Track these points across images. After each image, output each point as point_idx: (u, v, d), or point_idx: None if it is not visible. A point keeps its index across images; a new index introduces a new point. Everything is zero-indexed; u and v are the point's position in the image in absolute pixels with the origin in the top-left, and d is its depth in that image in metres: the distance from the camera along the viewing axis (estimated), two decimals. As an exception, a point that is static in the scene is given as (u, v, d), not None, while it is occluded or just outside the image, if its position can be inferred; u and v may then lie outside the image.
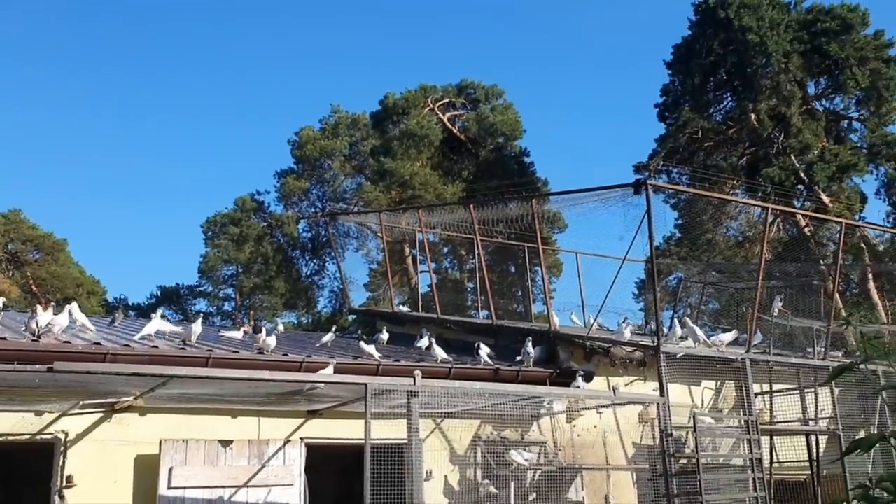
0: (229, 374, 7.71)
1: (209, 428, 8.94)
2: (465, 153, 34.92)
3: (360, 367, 9.87)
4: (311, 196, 36.64)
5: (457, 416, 10.09)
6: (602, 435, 11.02)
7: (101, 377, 7.29)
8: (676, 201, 25.59)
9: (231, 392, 8.39)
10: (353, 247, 32.24)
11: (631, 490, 11.25)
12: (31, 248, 34.16)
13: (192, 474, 8.42)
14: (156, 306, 36.71)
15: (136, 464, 8.55)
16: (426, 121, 33.37)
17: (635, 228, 10.54)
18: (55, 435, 8.36)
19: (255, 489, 8.72)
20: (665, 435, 9.87)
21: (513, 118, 34.25)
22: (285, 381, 8.13)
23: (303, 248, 36.92)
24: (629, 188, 10.32)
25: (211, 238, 36.67)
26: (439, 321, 14.68)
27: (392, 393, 8.36)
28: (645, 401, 10.57)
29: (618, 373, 11.46)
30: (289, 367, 9.31)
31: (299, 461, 9.11)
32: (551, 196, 13.33)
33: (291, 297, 36.53)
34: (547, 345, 11.61)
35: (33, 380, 7.14)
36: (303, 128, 35.95)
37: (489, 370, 10.67)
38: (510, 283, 31.81)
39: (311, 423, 9.68)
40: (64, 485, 8.21)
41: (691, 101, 28.83)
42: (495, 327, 13.55)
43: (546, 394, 9.68)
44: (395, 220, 18.81)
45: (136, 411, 8.67)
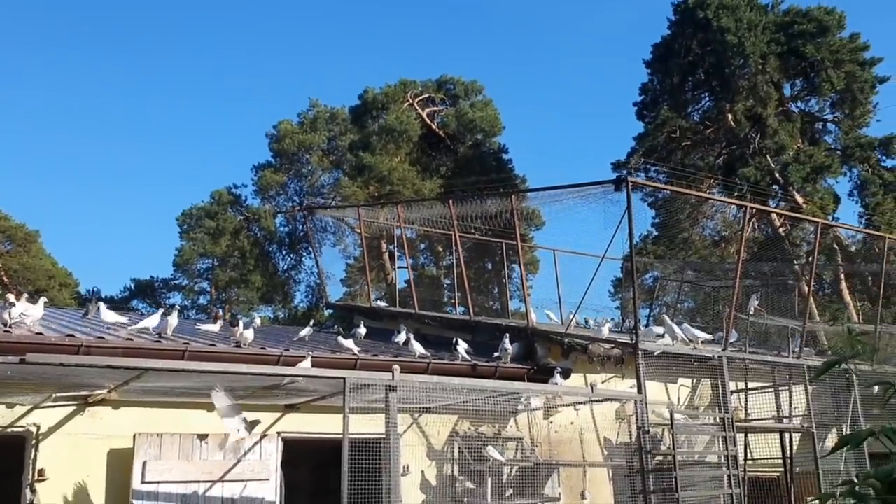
0: (206, 368, 7.62)
1: (184, 422, 8.83)
2: (443, 149, 34.92)
3: (338, 362, 9.81)
4: (288, 190, 36.49)
5: (434, 412, 10.07)
6: (579, 431, 11.04)
7: (74, 369, 7.17)
8: (654, 200, 25.76)
9: (207, 386, 8.28)
10: (330, 242, 32.04)
11: (607, 486, 11.29)
12: (3, 239, 33.65)
13: (166, 468, 8.31)
14: (129, 299, 36.39)
15: (110, 458, 8.42)
16: (405, 116, 33.32)
17: (615, 225, 10.58)
18: (27, 428, 8.20)
19: (230, 484, 8.63)
20: (642, 432, 9.92)
21: (492, 114, 34.29)
22: (263, 374, 8.04)
23: (280, 242, 36.76)
24: (610, 185, 10.35)
25: (186, 231, 36.38)
26: (417, 317, 14.65)
27: (370, 387, 8.31)
28: (622, 398, 10.61)
29: (595, 370, 11.48)
30: (266, 360, 9.22)
31: (276, 456, 9.03)
32: (531, 192, 13.32)
33: (268, 291, 36.35)
34: (524, 341, 11.62)
35: (5, 371, 7.01)
36: (281, 121, 35.79)
37: (467, 366, 10.66)
38: (487, 279, 31.89)
39: (288, 417, 9.61)
40: (35, 478, 8.07)
41: (670, 100, 29.05)
42: (472, 323, 13.55)
43: (524, 390, 9.68)
44: (374, 215, 18.75)
45: (110, 404, 8.54)
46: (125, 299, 36.26)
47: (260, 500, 8.75)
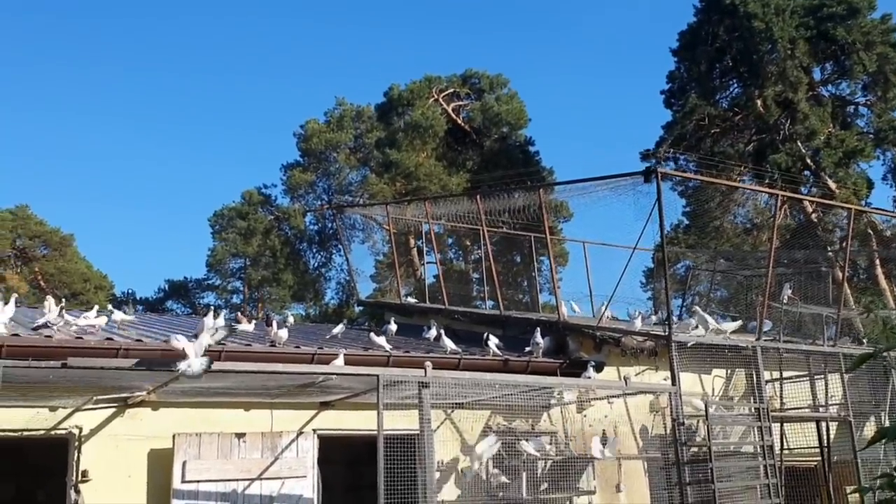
0: (243, 368, 7.74)
1: (222, 421, 8.97)
2: (469, 143, 34.92)
3: (370, 359, 9.88)
4: (316, 189, 36.75)
5: (467, 407, 10.10)
6: (613, 425, 11.03)
7: (114, 372, 7.32)
8: (684, 189, 25.57)
9: (244, 385, 8.42)
10: (358, 239, 32.34)
11: (642, 478, 11.27)
12: (39, 243, 34.29)
13: (205, 468, 8.45)
14: (164, 300, 36.90)
15: (150, 458, 8.58)
16: (431, 112, 33.37)
17: (645, 216, 10.52)
18: (69, 430, 8.39)
19: (268, 482, 8.74)
20: (677, 424, 9.88)
21: (517, 107, 34.22)
22: (299, 373, 8.16)
23: (310, 240, 37.04)
24: (639, 176, 10.28)
25: (218, 232, 36.83)
26: (447, 312, 14.68)
27: (403, 384, 8.38)
28: (657, 390, 10.58)
29: (629, 362, 11.45)
30: (301, 359, 9.31)
31: (312, 453, 9.13)
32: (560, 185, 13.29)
33: (299, 289, 36.66)
34: (556, 335, 11.59)
35: (47, 376, 7.17)
36: (308, 121, 36.06)
37: (498, 361, 10.67)
38: (516, 273, 31.86)
39: (323, 414, 9.71)
40: (79, 479, 8.26)
41: (697, 87, 28.75)
42: (503, 318, 13.54)
43: (557, 384, 9.67)
44: (401, 211, 18.81)
45: (149, 406, 8.70)
46: (160, 300, 36.79)
47: (298, 497, 8.86)
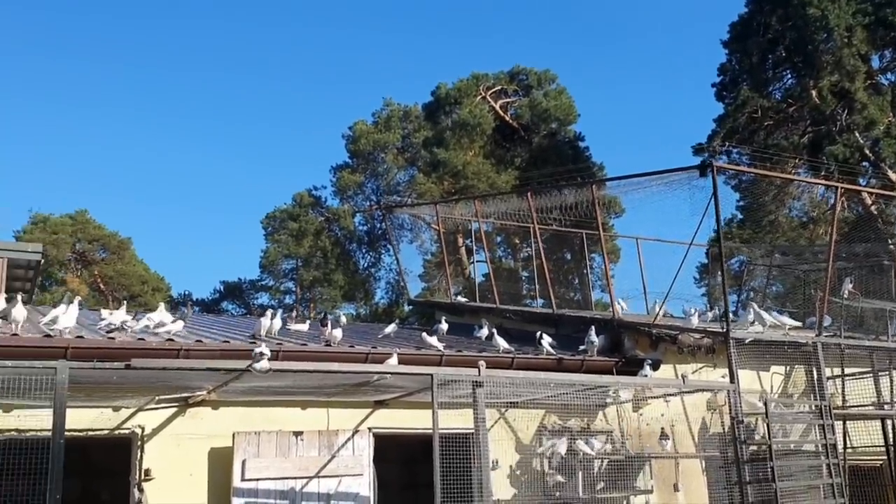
0: (300, 367, 7.85)
1: (280, 420, 9.10)
2: (517, 140, 34.78)
3: (423, 358, 9.92)
4: (365, 189, 37.01)
5: (521, 406, 10.07)
6: (670, 423, 10.89)
7: (175, 372, 7.48)
8: (737, 182, 25.09)
9: (300, 384, 8.52)
10: (407, 238, 32.49)
11: (700, 478, 11.11)
12: (98, 247, 35.21)
13: (264, 466, 8.58)
14: (219, 301, 37.57)
15: (211, 456, 8.75)
16: (478, 109, 33.32)
17: (699, 211, 10.37)
18: (132, 430, 8.59)
19: (326, 479, 8.84)
20: (736, 421, 9.71)
21: (566, 103, 33.97)
22: (354, 372, 8.24)
23: (359, 240, 37.33)
24: (694, 170, 10.14)
25: (271, 233, 37.40)
26: (498, 311, 14.64)
27: (457, 383, 8.39)
28: (714, 388, 10.41)
29: (685, 360, 11.29)
30: (356, 358, 9.40)
31: (368, 451, 9.20)
32: (612, 181, 13.14)
33: (350, 289, 36.98)
34: (610, 333, 11.49)
35: (111, 377, 7.35)
36: (356, 122, 36.32)
37: (552, 360, 10.62)
38: (566, 271, 31.62)
39: (377, 413, 9.79)
40: (142, 478, 8.45)
41: (750, 79, 28.16)
42: (555, 316, 13.45)
43: (613, 383, 9.58)
44: (449, 210, 18.82)
45: (210, 405, 8.87)
46: (215, 301, 37.47)
47: (355, 495, 8.94)
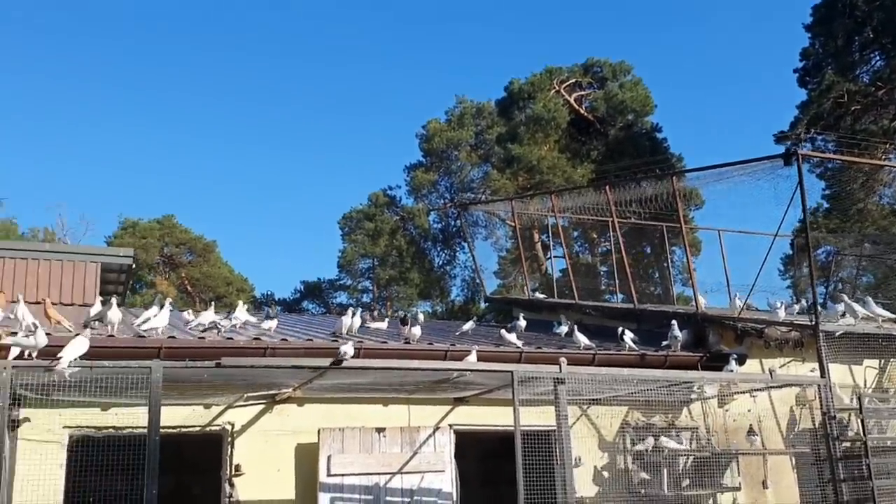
0: (381, 364, 7.96)
1: (362, 416, 9.25)
2: (593, 134, 34.34)
3: (502, 355, 9.92)
4: (439, 188, 37.16)
5: (604, 403, 9.98)
6: (757, 419, 10.60)
7: (262, 370, 7.69)
8: (823, 170, 24.18)
9: (382, 381, 8.64)
10: (482, 235, 32.48)
11: (790, 474, 10.79)
12: (185, 250, 36.40)
13: (348, 461, 8.72)
14: (300, 300, 38.35)
15: (297, 452, 8.95)
16: (552, 103, 33.03)
17: (784, 201, 10.06)
18: (223, 426, 8.86)
19: (408, 475, 8.93)
20: (828, 417, 9.39)
21: (642, 94, 33.39)
22: (435, 369, 8.31)
23: (434, 239, 37.50)
24: (778, 159, 9.84)
25: (347, 234, 37.95)
26: (577, 307, 14.50)
27: (537, 380, 8.36)
28: (804, 382, 10.09)
29: (772, 354, 10.98)
30: (435, 355, 9.48)
31: (449, 447, 9.26)
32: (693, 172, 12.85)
33: (425, 287, 37.20)
34: (694, 328, 11.25)
35: (202, 375, 7.60)
36: (429, 121, 36.47)
37: (635, 356, 10.47)
38: (646, 265, 31.06)
39: (458, 410, 9.84)
40: (233, 473, 8.71)
41: (835, 63, 27.13)
42: (637, 311, 13.24)
43: (698, 378, 9.40)
44: (525, 206, 18.72)
45: (295, 402, 9.08)
46: (296, 301, 38.26)
47: (437, 491, 9.01)
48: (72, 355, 6.90)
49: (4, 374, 6.66)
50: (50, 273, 12.52)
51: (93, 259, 12.95)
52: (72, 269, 12.60)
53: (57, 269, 12.58)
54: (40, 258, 12.62)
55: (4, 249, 13.04)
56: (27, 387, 6.98)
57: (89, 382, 7.16)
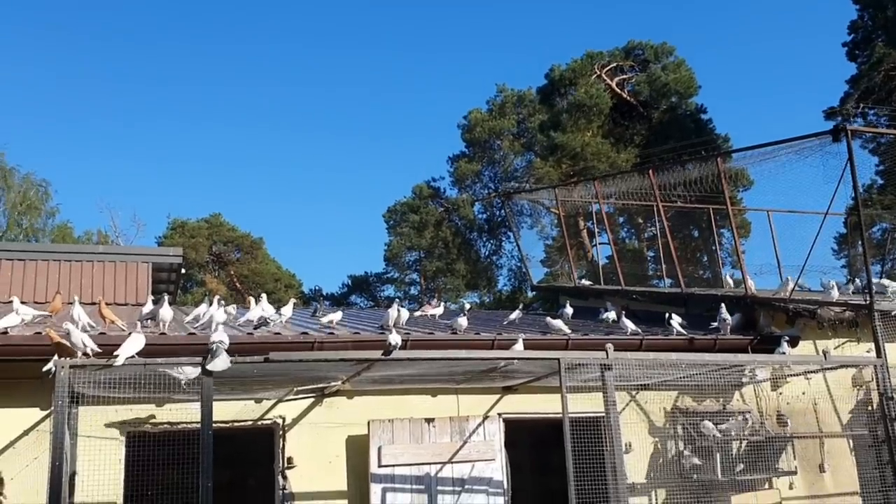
0: (428, 355, 8.00)
1: (412, 407, 9.30)
2: (636, 117, 33.94)
3: (549, 343, 9.89)
4: (483, 178, 37.13)
5: (652, 388, 9.89)
6: (812, 401, 10.40)
7: (311, 364, 7.79)
8: (876, 146, 23.53)
9: (430, 371, 8.68)
10: (527, 224, 32.33)
11: (848, 457, 10.57)
12: (233, 248, 36.98)
13: (399, 452, 8.79)
14: (348, 295, 38.69)
15: (348, 444, 9.05)
16: (594, 89, 32.73)
17: (835, 179, 9.82)
18: (274, 420, 9.00)
19: (459, 465, 8.96)
20: (885, 398, 9.17)
21: (686, 75, 32.86)
22: (481, 358, 8.31)
23: (479, 229, 37.50)
24: (827, 136, 9.60)
25: (393, 227, 38.15)
26: (623, 293, 14.37)
27: (585, 366, 8.32)
28: (860, 363, 9.86)
29: (826, 335, 10.75)
30: (481, 345, 9.49)
31: (499, 436, 9.27)
32: (739, 152, 12.60)
33: (472, 277, 37.23)
34: (743, 310, 11.07)
35: (252, 370, 7.72)
36: (471, 111, 36.44)
37: (683, 340, 10.33)
38: (694, 248, 30.63)
39: (506, 398, 9.85)
40: (286, 466, 8.85)
41: (885, 35, 26.38)
42: (684, 295, 13.07)
43: (749, 361, 9.24)
44: (569, 193, 18.59)
45: (344, 395, 9.18)
46: (344, 295, 38.63)
47: (488, 480, 9.03)
48: (128, 353, 7.08)
49: (63, 373, 6.86)
50: (104, 274, 12.86)
51: (144, 259, 13.26)
52: (124, 270, 12.92)
53: (110, 270, 12.91)
54: (94, 260, 12.98)
55: (60, 252, 13.44)
56: (84, 384, 7.17)
57: (144, 379, 7.34)
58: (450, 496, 8.88)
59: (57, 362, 6.93)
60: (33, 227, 33.65)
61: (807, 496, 10.40)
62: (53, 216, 34.79)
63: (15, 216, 33.09)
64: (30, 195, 33.30)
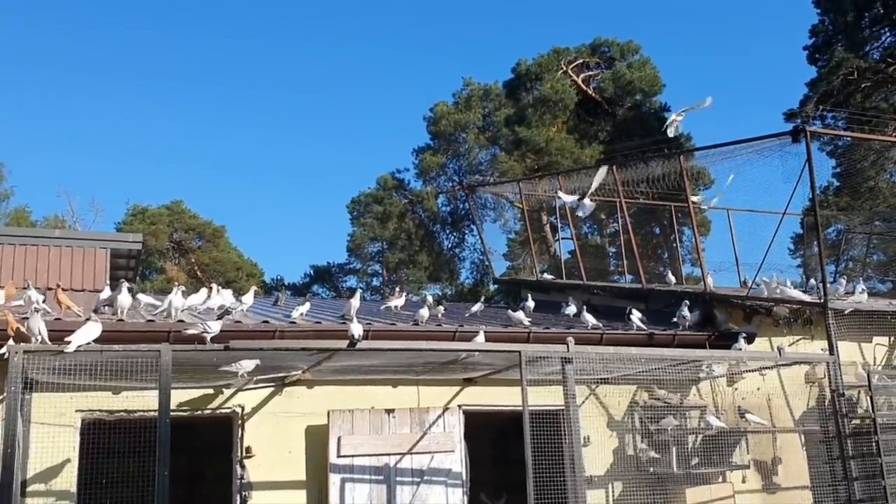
0: (389, 346, 8.00)
1: (372, 398, 9.29)
2: (601, 114, 34.15)
3: (510, 336, 9.95)
4: (447, 170, 37.05)
5: (612, 382, 10.00)
6: (766, 397, 10.61)
7: (271, 353, 7.74)
8: (833, 148, 23.99)
9: (391, 362, 8.68)
10: (490, 218, 32.34)
11: (800, 452, 10.81)
12: (194, 235, 36.44)
13: (358, 443, 8.78)
14: (310, 285, 38.44)
15: (307, 434, 9.01)
16: (560, 85, 32.83)
17: (793, 179, 10.01)
18: (233, 409, 8.93)
19: (418, 456, 8.99)
20: (837, 395, 9.39)
21: (651, 74, 33.13)
22: (443, 350, 8.33)
23: (443, 222, 37.46)
24: (787, 136, 9.78)
25: (356, 217, 37.97)
26: (585, 287, 14.50)
27: (545, 360, 8.39)
28: (813, 360, 10.09)
29: (781, 332, 10.98)
30: (443, 336, 9.51)
31: (459, 428, 9.30)
32: (701, 151, 12.80)
33: (435, 269, 37.22)
34: (702, 307, 11.25)
35: (212, 358, 7.65)
36: (437, 104, 36.28)
37: (643, 335, 10.48)
38: (655, 245, 30.98)
39: (467, 390, 9.88)
40: (244, 455, 8.78)
41: (845, 39, 26.87)
42: (645, 291, 13.23)
43: (706, 357, 9.41)
44: (533, 187, 18.68)
45: (305, 384, 9.13)
46: (306, 285, 38.35)
47: (447, 471, 9.07)
48: (82, 340, 6.96)
49: (17, 358, 6.73)
50: (60, 259, 12.57)
51: (102, 245, 12.98)
52: (81, 256, 12.65)
53: (67, 256, 12.63)
54: (50, 244, 12.67)
55: (15, 237, 13.09)
56: (39, 371, 7.04)
57: (100, 366, 7.23)
58: (409, 487, 8.90)
59: (10, 347, 6.79)
60: (-14, 210, 32.90)
61: (759, 489, 10.61)
62: (7, 199, 34.05)
63: (-33, 198, 32.31)
64: (-19, 176, 32.52)
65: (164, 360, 6.95)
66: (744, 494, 10.41)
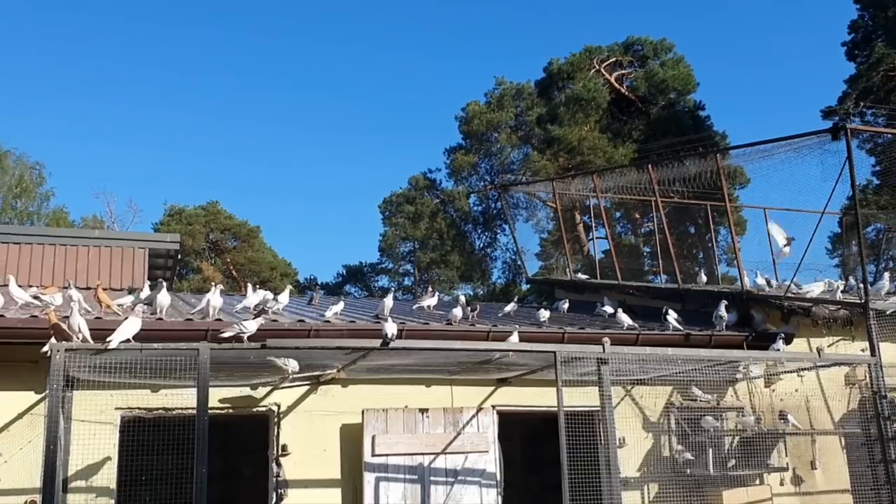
0: (423, 345, 8.00)
1: (406, 397, 9.30)
2: (634, 113, 33.88)
3: (545, 336, 9.90)
4: (479, 170, 37.02)
5: (648, 383, 9.91)
6: (805, 399, 10.44)
7: (307, 352, 7.79)
8: (873, 146, 23.57)
9: (424, 362, 8.69)
10: (522, 217, 32.22)
11: (840, 455, 10.63)
12: (229, 236, 36.84)
13: (393, 442, 8.80)
14: (342, 284, 38.67)
15: (342, 433, 9.05)
16: (592, 83, 32.64)
17: (832, 178, 9.84)
18: (269, 407, 9.00)
19: (452, 456, 8.98)
20: (878, 397, 9.21)
21: (684, 72, 32.79)
22: (477, 350, 8.32)
23: (475, 221, 37.44)
24: (826, 134, 9.61)
25: (388, 217, 38.13)
26: (620, 287, 14.38)
27: (580, 360, 8.33)
28: (853, 361, 9.90)
29: (820, 333, 10.79)
30: (476, 336, 9.49)
31: (492, 428, 9.28)
32: (737, 149, 12.63)
33: (466, 269, 37.23)
34: (739, 307, 11.10)
35: (248, 356, 7.72)
36: (469, 103, 36.27)
37: (679, 335, 10.36)
38: (690, 244, 30.64)
39: (501, 391, 9.86)
40: (280, 454, 8.85)
41: (885, 35, 26.39)
42: (681, 291, 13.09)
43: (743, 357, 9.27)
44: (566, 186, 18.57)
45: (339, 383, 9.17)
46: (338, 285, 38.60)
47: (481, 472, 9.05)
48: (123, 336, 7.06)
49: (58, 356, 6.84)
50: (100, 259, 12.80)
51: (140, 245, 13.21)
52: (120, 255, 12.87)
53: (106, 256, 12.85)
54: (90, 245, 12.91)
55: (55, 237, 13.37)
56: (80, 368, 7.16)
57: (140, 364, 7.33)
58: (443, 487, 8.90)
59: (53, 345, 6.91)
60: (27, 210, 33.50)
61: (797, 493, 10.46)
62: (48, 200, 34.66)
63: (9, 199, 32.93)
64: (24, 178, 33.11)
65: (203, 359, 7.03)
66: (782, 497, 10.26)
